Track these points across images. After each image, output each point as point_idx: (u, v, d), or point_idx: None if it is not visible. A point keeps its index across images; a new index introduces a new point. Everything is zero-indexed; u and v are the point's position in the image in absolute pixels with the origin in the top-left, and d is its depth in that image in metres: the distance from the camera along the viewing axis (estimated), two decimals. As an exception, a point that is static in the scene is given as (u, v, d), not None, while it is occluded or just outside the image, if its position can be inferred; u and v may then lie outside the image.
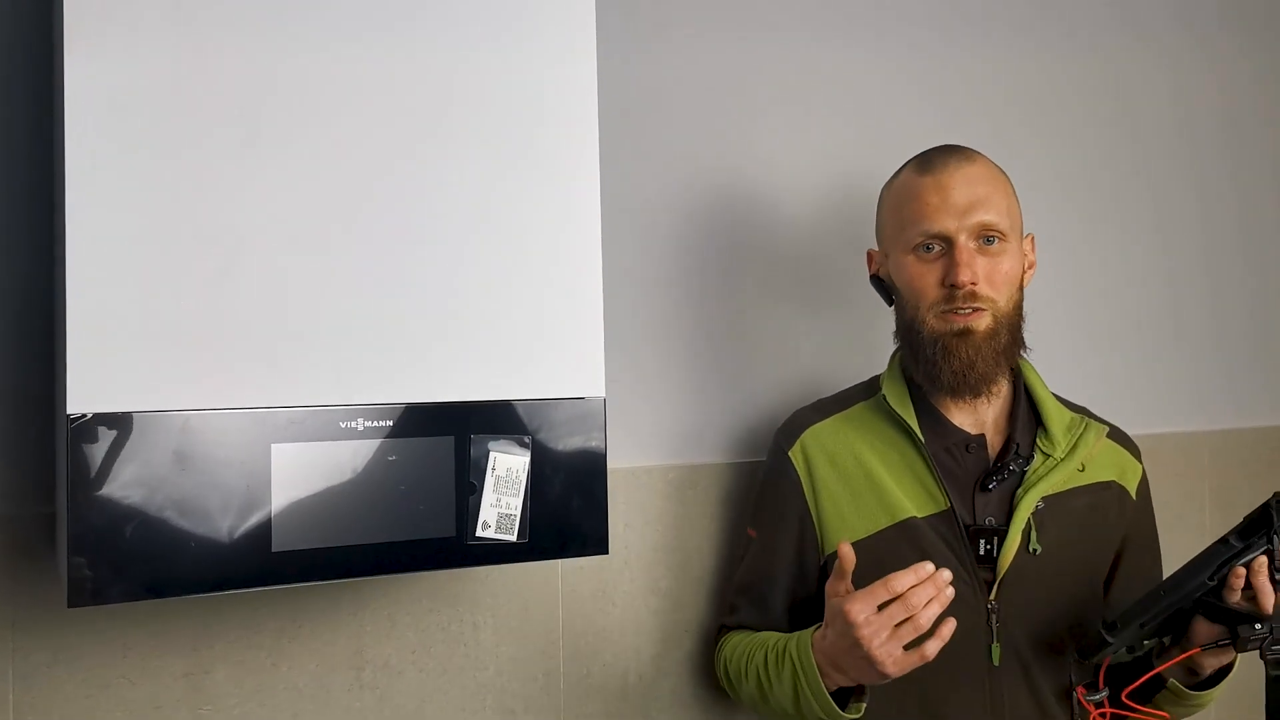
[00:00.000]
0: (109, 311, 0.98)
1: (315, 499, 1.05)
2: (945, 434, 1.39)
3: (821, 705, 1.22)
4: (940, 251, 1.33)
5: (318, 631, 1.34)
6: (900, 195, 1.38)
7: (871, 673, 1.16)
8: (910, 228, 1.35)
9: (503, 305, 1.13)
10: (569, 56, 1.18)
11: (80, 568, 0.96)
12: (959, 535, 1.33)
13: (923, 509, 1.35)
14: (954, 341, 1.33)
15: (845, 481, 1.39)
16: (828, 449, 1.41)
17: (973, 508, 1.35)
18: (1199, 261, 2.10)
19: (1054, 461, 1.37)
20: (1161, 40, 2.06)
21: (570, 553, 1.17)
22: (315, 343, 1.05)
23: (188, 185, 1.01)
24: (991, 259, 1.33)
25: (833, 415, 1.45)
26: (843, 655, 1.17)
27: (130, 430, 0.98)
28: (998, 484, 1.36)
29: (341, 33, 1.08)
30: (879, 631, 1.13)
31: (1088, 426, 1.42)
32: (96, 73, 0.98)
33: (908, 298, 1.37)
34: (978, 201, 1.32)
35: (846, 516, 1.38)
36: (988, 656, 1.31)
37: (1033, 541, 1.33)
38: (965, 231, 1.32)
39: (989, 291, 1.32)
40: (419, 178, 1.10)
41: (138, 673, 1.25)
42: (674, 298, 1.58)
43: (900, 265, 1.37)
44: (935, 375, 1.35)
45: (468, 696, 1.43)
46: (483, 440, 1.12)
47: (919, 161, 1.39)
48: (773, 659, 1.30)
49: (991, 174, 1.36)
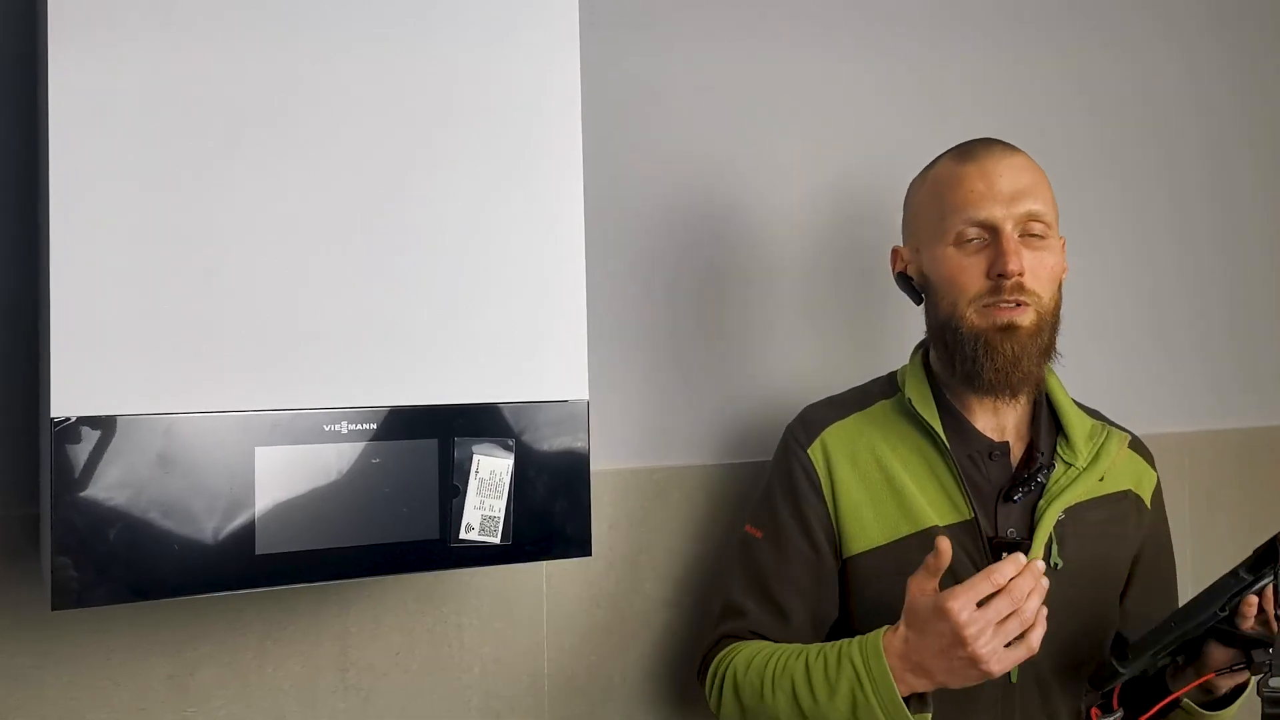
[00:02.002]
0: (93, 314, 0.98)
1: (299, 502, 1.05)
2: (968, 440, 1.33)
3: (889, 712, 1.12)
4: (983, 242, 1.26)
5: (302, 633, 1.34)
6: (939, 185, 1.31)
7: (972, 673, 1.08)
8: (952, 216, 1.27)
9: (486, 308, 1.14)
10: (552, 59, 1.18)
11: (64, 570, 0.96)
12: (981, 547, 1.27)
13: (945, 518, 1.29)
14: (997, 337, 1.25)
15: (865, 484, 1.32)
16: (849, 449, 1.34)
17: (995, 518, 1.29)
18: (1180, 264, 2.11)
19: (1076, 472, 1.32)
20: (1138, 44, 2.07)
21: (554, 555, 1.17)
22: (299, 346, 1.06)
23: (173, 188, 1.01)
24: (1037, 253, 1.26)
25: (852, 414, 1.38)
26: (934, 657, 1.09)
27: (114, 433, 0.98)
28: (1023, 495, 1.29)
29: (325, 36, 1.08)
30: (985, 629, 1.06)
31: (1109, 435, 1.36)
32: (81, 75, 0.98)
33: (945, 293, 1.29)
34: (1024, 190, 1.26)
35: (865, 521, 1.31)
36: (1006, 675, 1.20)
37: (1054, 555, 1.27)
38: (1012, 220, 1.25)
39: (1035, 285, 1.25)
40: (401, 182, 1.10)
41: (122, 674, 1.25)
42: (658, 300, 1.59)
43: (938, 259, 1.29)
44: (976, 374, 1.27)
45: (452, 698, 1.43)
46: (466, 443, 1.12)
47: (958, 152, 1.32)
48: (819, 667, 1.18)
49: (1035, 166, 1.30)
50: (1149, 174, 2.07)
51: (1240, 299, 2.19)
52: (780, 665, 1.23)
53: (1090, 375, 1.95)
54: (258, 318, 1.04)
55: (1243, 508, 2.15)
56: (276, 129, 1.05)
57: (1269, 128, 2.24)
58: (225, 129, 1.03)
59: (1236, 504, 2.13)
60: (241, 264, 1.04)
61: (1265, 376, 2.22)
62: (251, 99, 1.05)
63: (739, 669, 1.27)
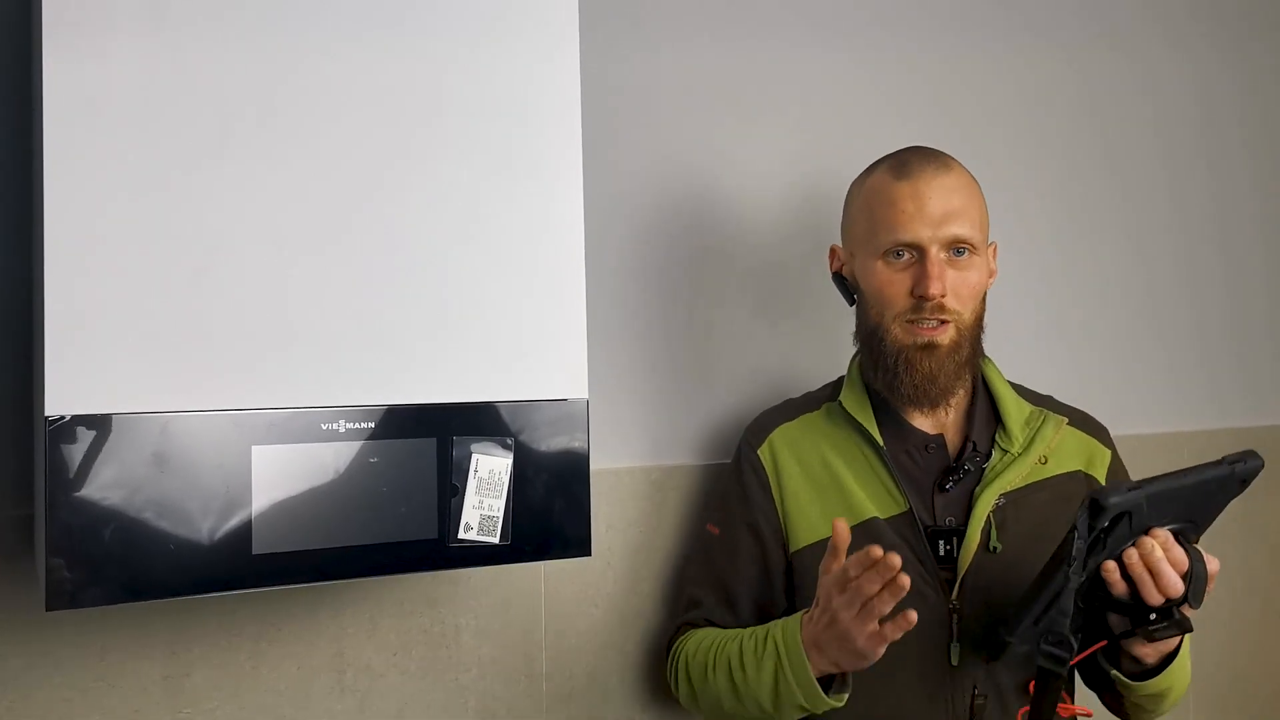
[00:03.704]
0: (88, 313, 0.97)
1: (296, 501, 1.05)
2: (905, 436, 1.40)
3: (804, 689, 1.21)
4: (910, 260, 1.33)
5: (298, 634, 1.33)
6: (873, 198, 1.37)
7: (848, 648, 1.16)
8: (882, 233, 1.34)
9: (485, 307, 1.13)
10: (551, 59, 1.17)
11: (59, 570, 0.96)
12: (919, 536, 1.33)
13: (884, 510, 1.35)
14: (917, 354, 1.34)
15: (811, 481, 1.40)
16: (795, 449, 1.43)
17: (932, 508, 1.36)
18: (1177, 263, 2.11)
19: (1011, 457, 1.38)
20: (1136, 41, 2.07)
21: (552, 555, 1.17)
22: (296, 344, 1.05)
23: (167, 186, 1.00)
24: (960, 271, 1.33)
25: (800, 416, 1.46)
26: (822, 632, 1.18)
27: (109, 432, 0.97)
28: (955, 484, 1.36)
29: (321, 34, 1.07)
30: (845, 604, 1.14)
31: (1046, 419, 1.42)
32: (76, 73, 0.97)
33: (873, 304, 1.37)
34: (952, 213, 1.32)
35: (811, 516, 1.38)
36: (946, 656, 1.31)
37: (993, 540, 1.33)
38: (938, 243, 1.32)
39: (955, 305, 1.33)
40: (400, 179, 1.10)
41: (116, 676, 1.24)
42: (657, 300, 1.58)
43: (868, 270, 1.37)
44: (895, 386, 1.35)
45: (449, 699, 1.42)
46: (465, 442, 1.12)
47: (894, 165, 1.37)
48: (750, 647, 1.29)
49: (966, 184, 1.36)
50: (1146, 175, 2.07)
51: (1237, 300, 2.19)
52: (720, 646, 1.34)
53: (1086, 375, 1.95)
54: (254, 316, 1.03)
55: (1238, 507, 2.14)
56: (274, 127, 1.05)
57: (1267, 128, 2.24)
58: (222, 128, 1.03)
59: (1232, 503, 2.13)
60: (236, 262, 1.03)
61: (1261, 377, 2.22)
62: (250, 98, 1.04)
63: (690, 653, 1.39)
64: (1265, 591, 2.16)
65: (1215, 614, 1.68)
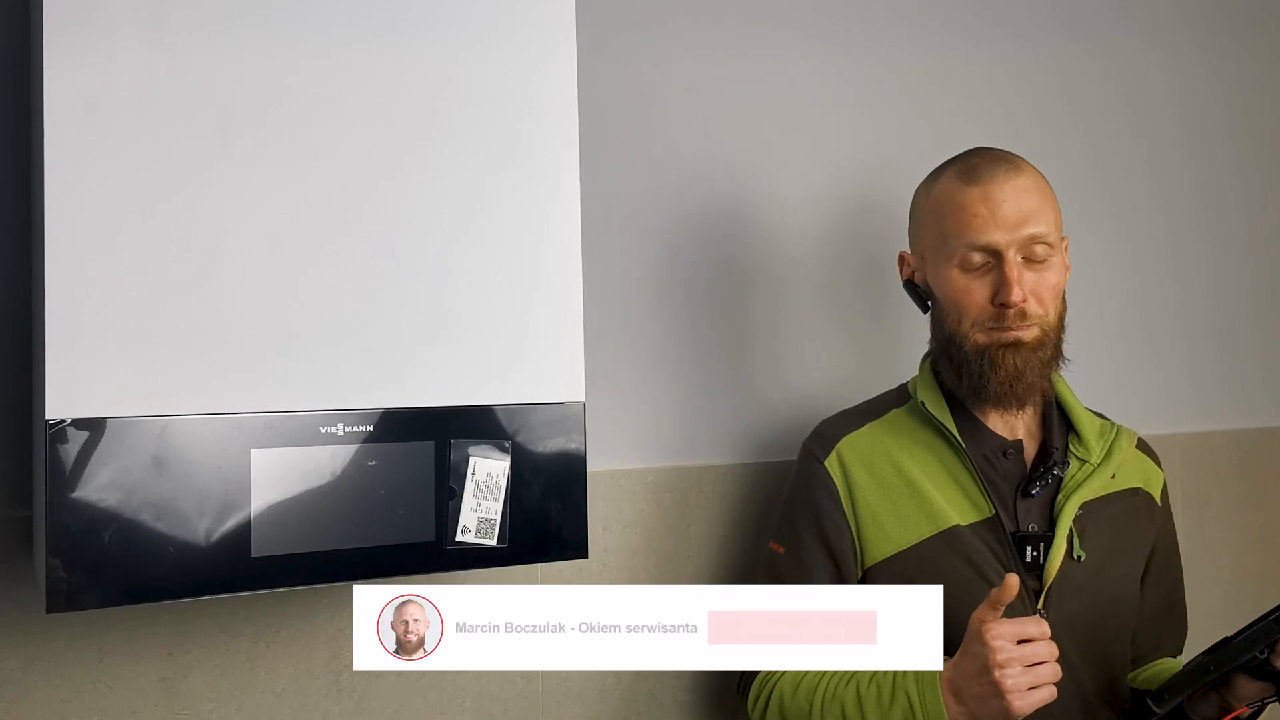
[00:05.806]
0: (87, 316, 0.97)
1: (295, 504, 1.05)
2: (983, 440, 1.36)
3: None
4: (987, 266, 1.29)
5: (296, 636, 1.34)
6: (944, 205, 1.33)
7: (996, 704, 1.11)
8: (955, 240, 1.30)
9: (483, 310, 1.13)
10: (549, 60, 1.18)
11: (58, 572, 0.96)
12: (1005, 542, 1.30)
13: (966, 516, 1.32)
14: (1001, 352, 1.30)
15: (884, 491, 1.35)
16: (865, 458, 1.37)
17: (1015, 514, 1.32)
18: (1167, 267, 2.12)
19: (1090, 467, 1.35)
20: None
21: (550, 557, 1.17)
22: (294, 347, 1.05)
23: (167, 189, 1.01)
24: (1039, 273, 1.30)
25: (867, 423, 1.41)
26: (967, 680, 1.13)
27: (108, 435, 0.97)
28: (1041, 489, 1.33)
29: (320, 36, 1.08)
30: (1014, 661, 1.10)
31: (1119, 432, 1.40)
32: (76, 75, 0.97)
33: (950, 311, 1.33)
34: (1027, 215, 1.28)
35: (886, 527, 1.34)
36: None
37: (1076, 548, 1.31)
38: (1014, 246, 1.28)
39: (1037, 308, 1.30)
40: (398, 182, 1.10)
41: (114, 677, 1.24)
42: (653, 302, 1.59)
43: (943, 278, 1.33)
44: (981, 386, 1.31)
45: (446, 700, 1.42)
46: (463, 445, 1.12)
47: (963, 170, 1.33)
48: (871, 696, 1.22)
49: (1039, 184, 1.32)
50: (1135, 177, 2.08)
51: (1227, 302, 2.20)
52: (830, 691, 1.26)
53: (1077, 378, 1.95)
54: (254, 319, 1.04)
55: (1231, 510, 2.16)
56: (272, 131, 1.05)
57: (1254, 131, 2.25)
58: (221, 128, 1.03)
59: (1225, 506, 2.14)
60: (237, 265, 1.03)
61: (1252, 379, 2.23)
62: (248, 100, 1.04)
63: (786, 692, 1.31)
64: (1255, 596, 2.17)
65: (1211, 615, 1.69)
